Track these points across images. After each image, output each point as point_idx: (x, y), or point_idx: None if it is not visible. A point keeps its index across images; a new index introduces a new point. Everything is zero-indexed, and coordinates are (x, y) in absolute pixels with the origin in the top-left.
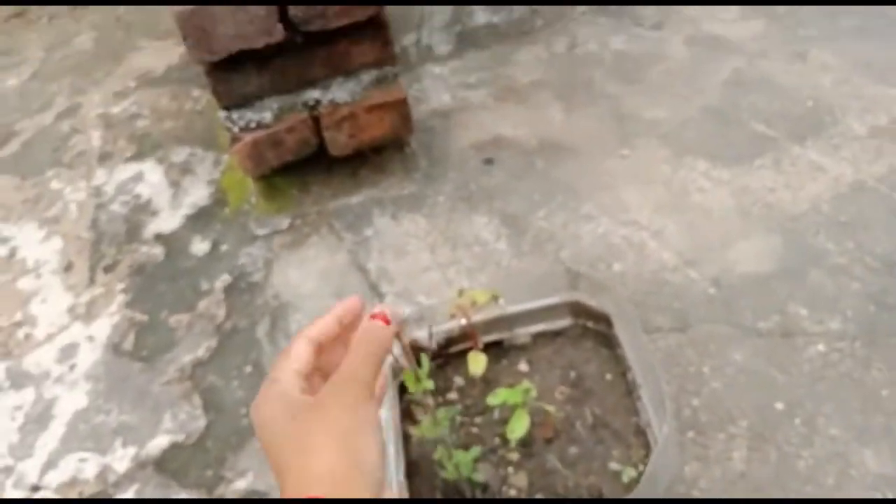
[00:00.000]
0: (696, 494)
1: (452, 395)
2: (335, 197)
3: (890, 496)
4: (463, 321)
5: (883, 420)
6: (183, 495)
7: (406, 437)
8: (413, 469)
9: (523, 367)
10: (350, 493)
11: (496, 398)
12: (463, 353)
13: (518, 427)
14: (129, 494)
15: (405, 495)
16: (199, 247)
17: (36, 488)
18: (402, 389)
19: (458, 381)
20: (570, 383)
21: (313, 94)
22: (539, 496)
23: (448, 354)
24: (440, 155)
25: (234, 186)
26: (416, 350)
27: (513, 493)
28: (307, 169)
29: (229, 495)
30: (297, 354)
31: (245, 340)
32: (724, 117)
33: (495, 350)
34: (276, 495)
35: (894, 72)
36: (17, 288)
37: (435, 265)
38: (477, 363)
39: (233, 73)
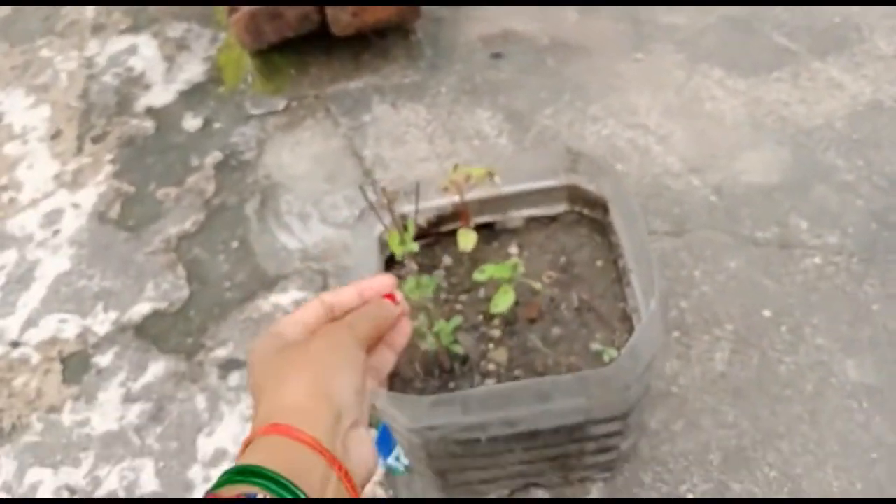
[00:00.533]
0: (674, 390)
1: (439, 273)
2: (334, 81)
3: (866, 405)
4: (456, 197)
5: (870, 333)
6: (162, 361)
7: None
8: None
9: (513, 249)
10: (313, 425)
11: (483, 273)
12: (453, 233)
13: (502, 301)
14: (108, 356)
15: None
16: (191, 123)
17: (16, 344)
18: (388, 266)
19: (446, 259)
20: (559, 268)
21: None
22: (517, 373)
23: (438, 233)
24: (447, 46)
25: (230, 65)
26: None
27: (491, 368)
28: (307, 49)
29: (208, 363)
30: (305, 308)
31: (233, 216)
32: (744, 27)
33: (486, 232)
34: None
35: None
36: (3, 153)
37: (433, 155)
38: (466, 239)
39: None
